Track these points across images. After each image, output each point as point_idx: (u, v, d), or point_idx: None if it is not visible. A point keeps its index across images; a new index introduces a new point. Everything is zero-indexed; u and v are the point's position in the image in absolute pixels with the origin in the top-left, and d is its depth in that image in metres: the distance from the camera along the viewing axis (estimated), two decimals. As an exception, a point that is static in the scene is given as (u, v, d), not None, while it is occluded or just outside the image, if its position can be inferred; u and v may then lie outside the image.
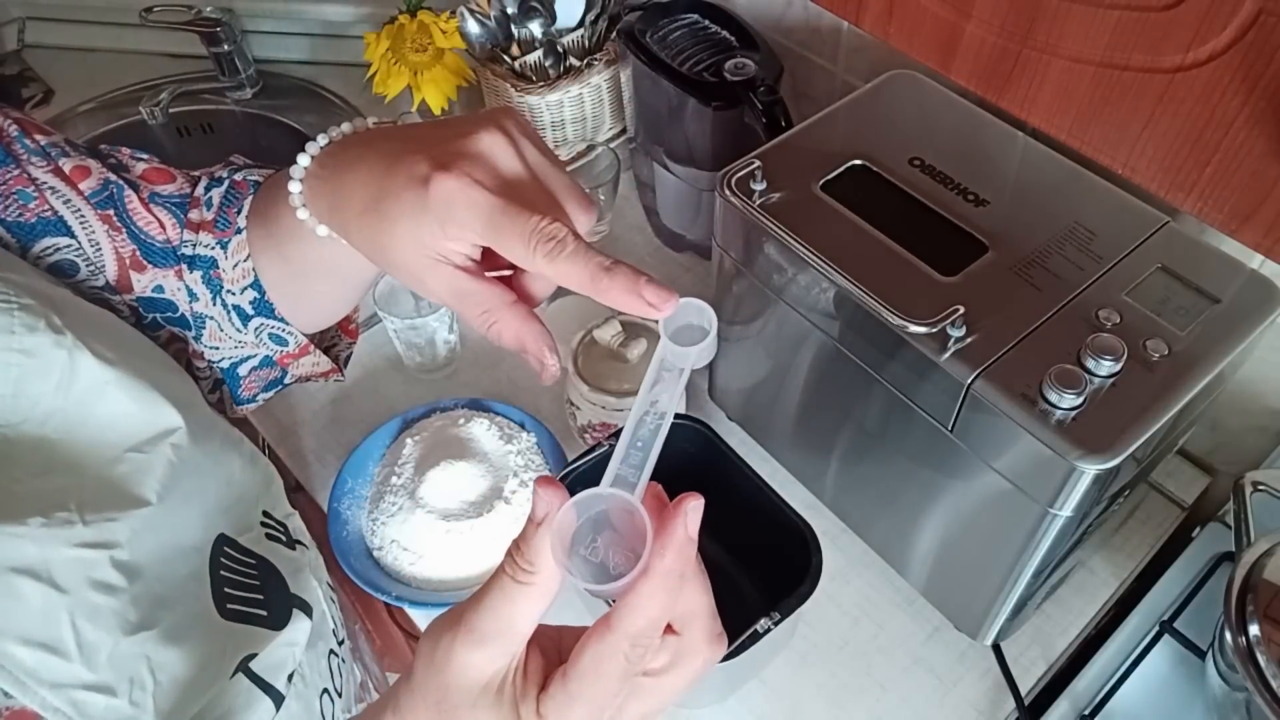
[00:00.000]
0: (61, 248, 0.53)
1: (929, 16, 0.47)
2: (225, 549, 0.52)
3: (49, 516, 0.41)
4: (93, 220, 0.54)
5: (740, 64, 0.91)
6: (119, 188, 0.55)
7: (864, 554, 0.84)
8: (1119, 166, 0.43)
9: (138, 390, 0.47)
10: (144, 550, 0.45)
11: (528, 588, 0.35)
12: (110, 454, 0.45)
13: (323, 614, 0.61)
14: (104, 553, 0.43)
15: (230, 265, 0.56)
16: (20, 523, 0.40)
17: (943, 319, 0.62)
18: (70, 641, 0.41)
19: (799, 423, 0.83)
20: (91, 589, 0.42)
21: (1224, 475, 0.89)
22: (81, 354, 0.45)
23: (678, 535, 0.35)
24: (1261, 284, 0.65)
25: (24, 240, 0.52)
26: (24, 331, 0.43)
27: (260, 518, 0.57)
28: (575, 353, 0.87)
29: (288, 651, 0.54)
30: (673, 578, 0.35)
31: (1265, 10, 0.34)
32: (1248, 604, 0.66)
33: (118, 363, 0.46)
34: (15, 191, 0.51)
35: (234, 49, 1.26)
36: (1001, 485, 0.64)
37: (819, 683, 0.79)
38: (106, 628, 0.42)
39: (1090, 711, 0.76)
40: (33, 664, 0.39)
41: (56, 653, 0.40)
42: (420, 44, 1.14)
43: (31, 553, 0.40)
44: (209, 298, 0.58)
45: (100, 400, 0.45)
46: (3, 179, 0.51)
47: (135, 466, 0.46)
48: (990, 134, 0.76)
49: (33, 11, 1.38)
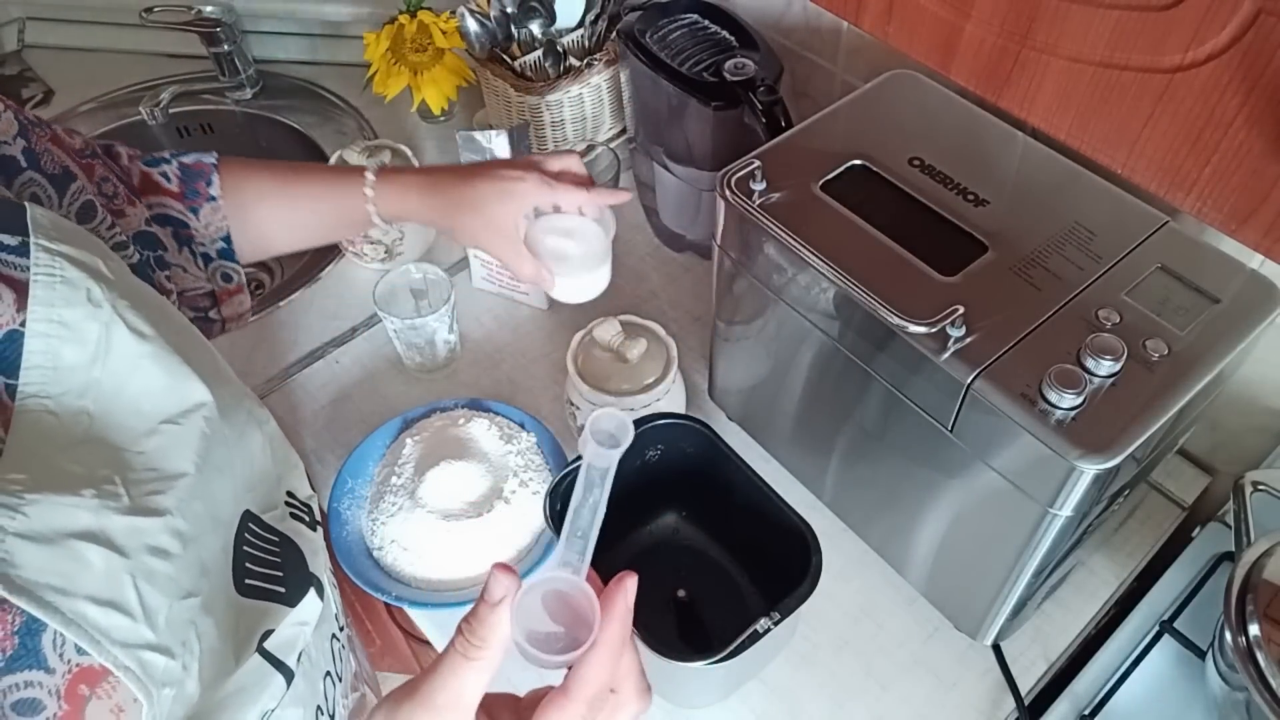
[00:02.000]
0: (82, 190, 0.58)
1: (929, 16, 0.47)
2: (250, 525, 0.53)
3: (99, 489, 0.43)
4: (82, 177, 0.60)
5: (740, 64, 0.91)
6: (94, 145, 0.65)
7: (864, 554, 0.84)
8: (1119, 166, 0.43)
9: (171, 364, 0.49)
10: (191, 517, 0.46)
11: (478, 662, 0.39)
12: (146, 425, 0.47)
13: (329, 597, 0.62)
14: (157, 520, 0.44)
15: (202, 225, 0.71)
16: (75, 494, 0.41)
17: (943, 319, 0.62)
18: (135, 602, 0.42)
19: (799, 423, 0.83)
20: (148, 554, 0.43)
21: (1224, 475, 0.89)
22: (117, 327, 0.46)
23: (620, 609, 0.41)
24: (1261, 284, 0.65)
25: (59, 190, 0.56)
26: (63, 304, 0.45)
27: (284, 497, 0.59)
28: (575, 353, 0.87)
29: (298, 630, 0.55)
30: (618, 645, 0.41)
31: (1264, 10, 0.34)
32: (1248, 604, 0.66)
33: (151, 337, 0.48)
34: (45, 149, 0.56)
35: (234, 49, 1.26)
36: (1001, 485, 0.64)
37: (819, 682, 0.79)
38: (163, 591, 0.43)
39: (1090, 711, 0.76)
40: (105, 623, 0.40)
41: (124, 612, 0.41)
42: (420, 44, 1.14)
43: (89, 520, 0.41)
44: (176, 247, 0.69)
45: (134, 373, 0.47)
46: (37, 138, 0.56)
47: (171, 438, 0.48)
48: (990, 134, 0.76)
49: (33, 11, 1.38)
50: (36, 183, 0.55)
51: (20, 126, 0.55)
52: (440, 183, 0.76)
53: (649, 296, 1.06)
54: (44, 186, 0.55)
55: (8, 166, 0.53)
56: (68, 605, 0.39)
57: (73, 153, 0.60)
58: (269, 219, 0.75)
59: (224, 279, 0.73)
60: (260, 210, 0.74)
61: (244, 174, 0.73)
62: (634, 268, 1.09)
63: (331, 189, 0.76)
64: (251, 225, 0.73)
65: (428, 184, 0.76)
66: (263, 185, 0.74)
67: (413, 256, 1.07)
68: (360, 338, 1.04)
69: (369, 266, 1.07)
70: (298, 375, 1.00)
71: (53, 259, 0.45)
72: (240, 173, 0.73)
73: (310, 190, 0.76)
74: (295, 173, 0.77)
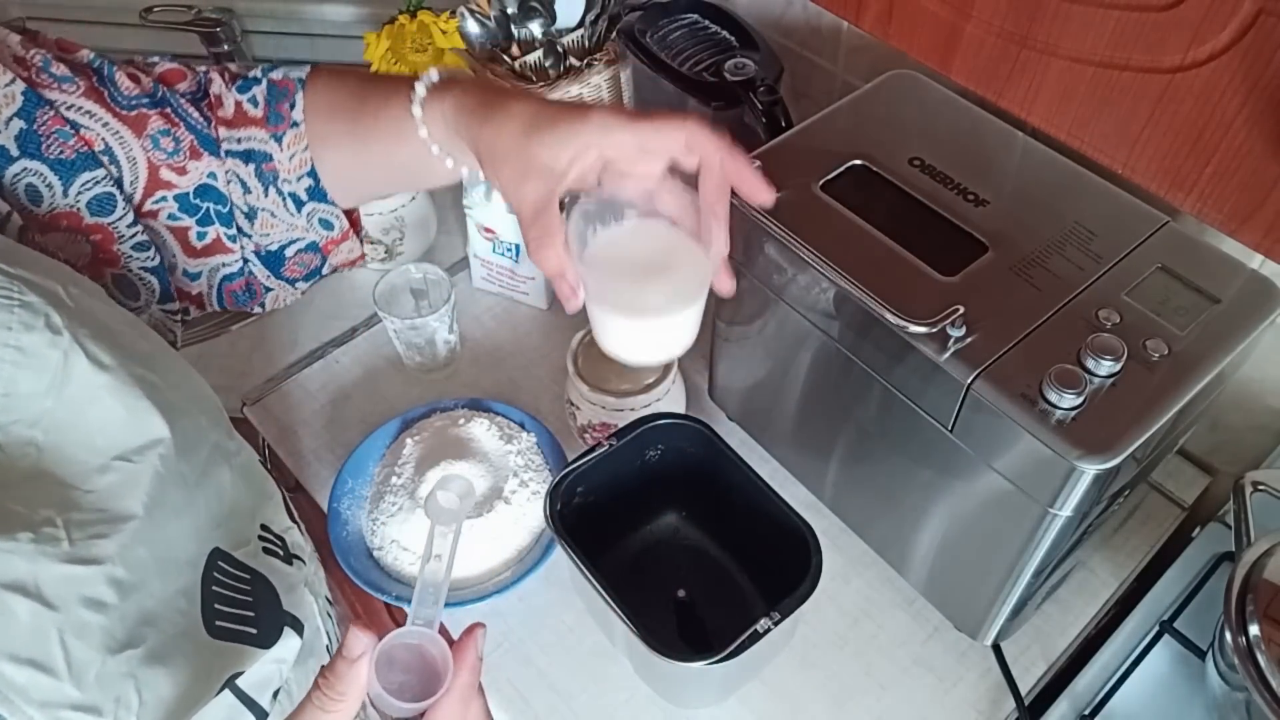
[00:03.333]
0: (100, 180, 0.55)
1: (929, 16, 0.47)
2: (219, 563, 0.52)
3: (37, 532, 0.41)
4: (127, 134, 0.56)
5: (740, 64, 0.91)
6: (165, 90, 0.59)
7: (864, 554, 0.84)
8: (1119, 166, 0.43)
9: (130, 398, 0.47)
10: (134, 565, 0.45)
11: (335, 715, 0.43)
12: (98, 461, 0.45)
13: (316, 629, 0.60)
14: (95, 569, 0.43)
15: (286, 157, 0.61)
16: (10, 538, 0.40)
17: (943, 319, 0.62)
18: (60, 659, 0.40)
19: (799, 423, 0.83)
20: (81, 606, 0.42)
21: (1224, 475, 0.89)
22: (77, 356, 0.44)
23: (470, 658, 0.46)
24: (1261, 284, 0.65)
25: (65, 178, 0.53)
26: (21, 329, 0.43)
27: (258, 531, 0.57)
28: (575, 353, 0.87)
29: (274, 669, 0.54)
30: (471, 690, 0.46)
31: (1265, 10, 0.34)
32: (1248, 604, 0.66)
33: (112, 368, 0.46)
34: (55, 131, 0.53)
35: (234, 49, 1.26)
36: (1001, 485, 0.64)
37: (819, 683, 0.79)
38: (95, 645, 0.42)
39: (1090, 711, 0.76)
40: (22, 682, 0.39)
41: (46, 671, 0.40)
42: (420, 44, 1.14)
43: (22, 568, 0.40)
44: (261, 189, 0.62)
45: (91, 404, 0.45)
46: (41, 121, 0.52)
47: (123, 476, 0.46)
48: (990, 134, 0.76)
49: (33, 11, 1.38)
50: (33, 172, 0.52)
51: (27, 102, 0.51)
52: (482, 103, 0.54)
53: (649, 296, 1.06)
54: (42, 175, 0.52)
55: None
56: None
57: (116, 110, 0.55)
58: (357, 165, 0.63)
59: (324, 225, 0.65)
60: (347, 156, 0.62)
61: (325, 103, 0.61)
62: (634, 268, 1.09)
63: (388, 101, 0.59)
64: (328, 169, 0.62)
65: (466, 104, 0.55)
66: (335, 126, 0.61)
67: (413, 256, 1.07)
68: (360, 338, 1.04)
69: (369, 267, 1.07)
70: (297, 375, 1.00)
71: (11, 282, 0.43)
72: (323, 97, 0.61)
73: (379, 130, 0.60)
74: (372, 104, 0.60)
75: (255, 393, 0.98)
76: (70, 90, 0.54)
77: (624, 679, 0.79)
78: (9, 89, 0.51)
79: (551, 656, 0.81)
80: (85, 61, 0.57)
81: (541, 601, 0.83)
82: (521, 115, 0.52)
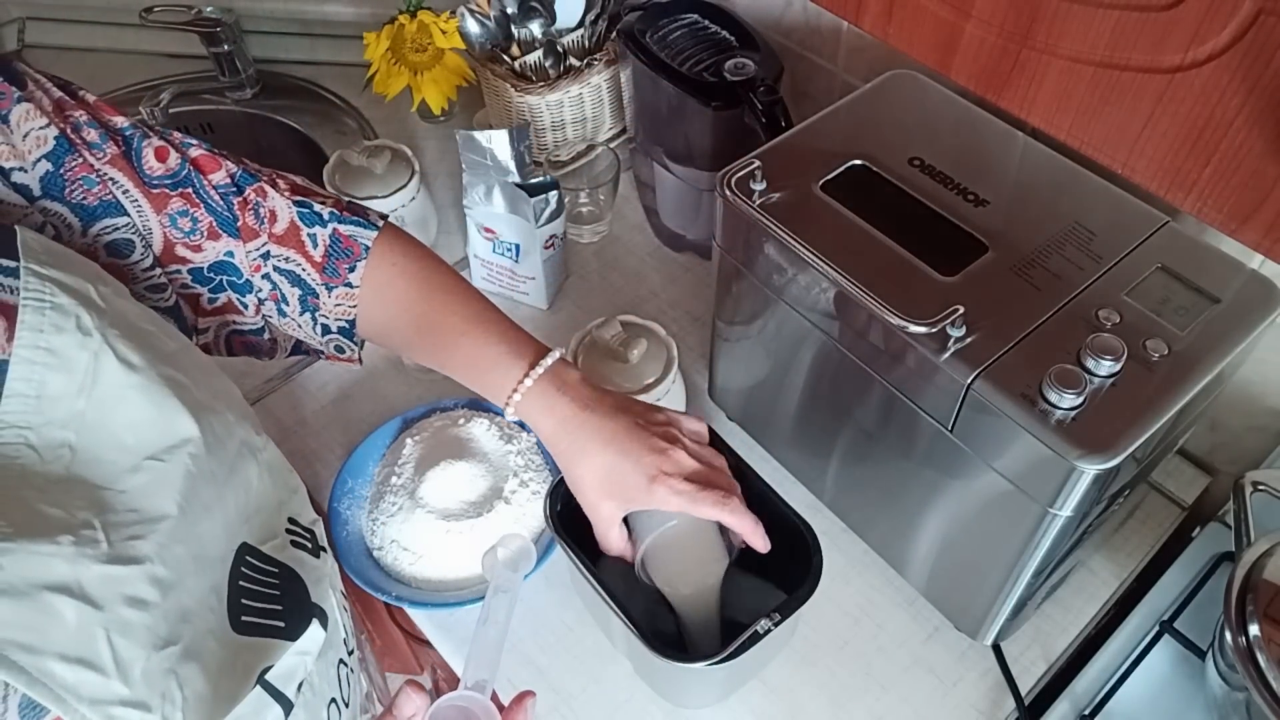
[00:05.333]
0: (120, 227, 0.57)
1: (929, 16, 0.47)
2: (247, 559, 0.52)
3: (77, 535, 0.41)
4: (146, 207, 0.58)
5: (740, 64, 0.91)
6: (191, 172, 0.61)
7: (864, 554, 0.84)
8: (1119, 166, 0.43)
9: (159, 397, 0.47)
10: (172, 563, 0.45)
11: None
12: (129, 461, 0.45)
13: (335, 623, 0.60)
14: (135, 568, 0.43)
15: (332, 304, 0.67)
16: (52, 541, 0.40)
17: (943, 319, 0.62)
18: (107, 657, 0.41)
19: (799, 423, 0.83)
20: (124, 605, 0.42)
21: (1224, 475, 0.89)
22: (107, 356, 0.45)
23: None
24: (1261, 284, 0.65)
25: (86, 220, 0.55)
26: (52, 331, 0.43)
27: (285, 525, 0.57)
28: (575, 353, 0.87)
29: (299, 660, 0.54)
30: None
31: (1265, 10, 0.34)
32: (1248, 604, 0.66)
33: (141, 368, 0.46)
34: (80, 178, 0.55)
35: (234, 49, 1.26)
36: (1001, 485, 0.64)
37: (819, 683, 0.79)
38: (139, 643, 0.42)
39: (1090, 711, 0.76)
40: (73, 681, 0.39)
41: (94, 668, 0.40)
42: (420, 44, 1.14)
43: (64, 570, 0.40)
44: (299, 310, 0.67)
45: (120, 405, 0.45)
46: (69, 166, 0.54)
47: (154, 476, 0.46)
48: (990, 134, 0.76)
49: (33, 11, 1.38)
50: (53, 213, 0.53)
51: (58, 147, 0.53)
52: (579, 419, 0.66)
53: (649, 296, 1.06)
54: (62, 216, 0.54)
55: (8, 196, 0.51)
56: (34, 664, 0.38)
57: (141, 182, 0.58)
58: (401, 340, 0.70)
59: (337, 350, 0.71)
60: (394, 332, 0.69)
61: (396, 288, 0.67)
62: (634, 268, 1.09)
63: (490, 368, 0.67)
64: (377, 331, 0.69)
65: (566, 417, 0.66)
66: (412, 314, 0.68)
67: (413, 256, 1.07)
68: (360, 338, 1.04)
69: (369, 266, 1.07)
70: (298, 375, 1.00)
71: (43, 284, 0.44)
72: (394, 283, 0.67)
73: (466, 354, 0.68)
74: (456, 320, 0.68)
75: (255, 393, 0.99)
76: (99, 157, 0.56)
77: (624, 679, 0.79)
78: (43, 132, 0.53)
79: (551, 656, 0.81)
80: (118, 128, 0.58)
81: (541, 601, 0.83)
82: (600, 467, 0.65)
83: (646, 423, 0.66)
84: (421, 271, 0.69)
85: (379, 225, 0.68)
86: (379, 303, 0.68)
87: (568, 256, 1.07)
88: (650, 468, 0.64)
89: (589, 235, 1.11)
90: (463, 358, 0.68)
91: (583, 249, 1.11)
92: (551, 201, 0.96)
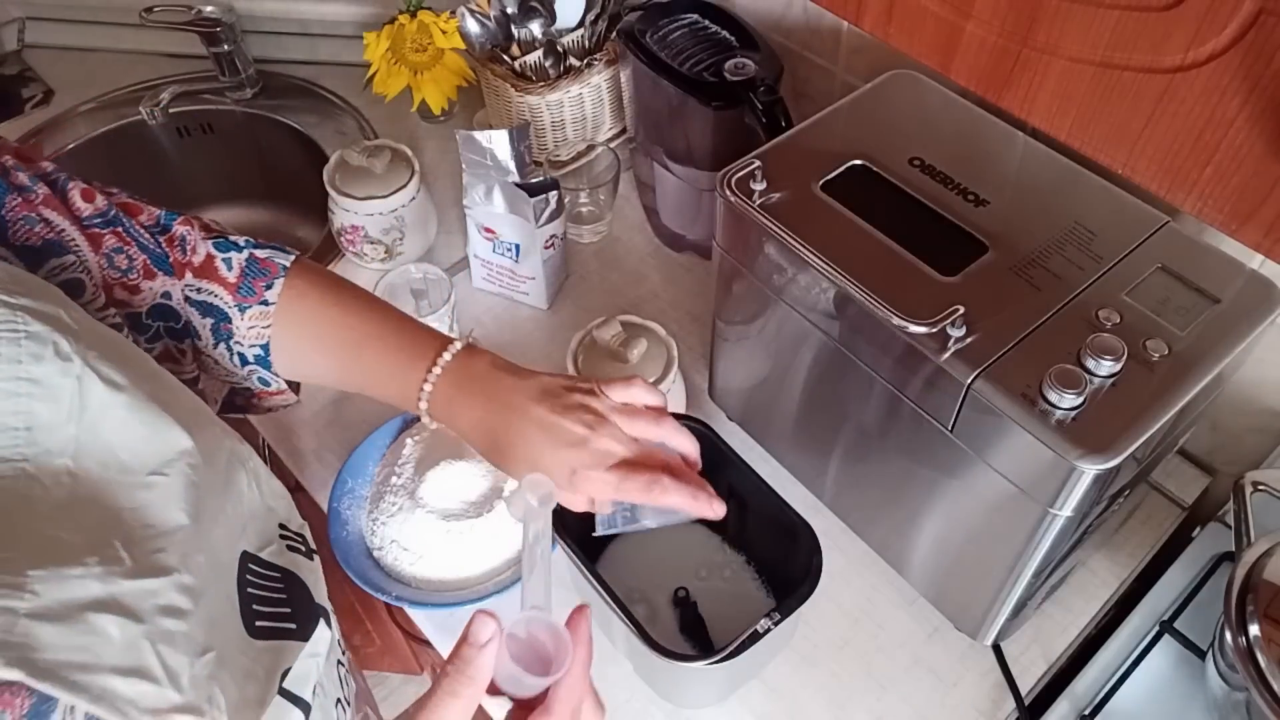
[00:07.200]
0: (68, 266, 0.56)
1: (929, 16, 0.47)
2: (250, 565, 0.52)
3: (101, 555, 0.41)
4: (84, 247, 0.57)
5: (740, 64, 0.91)
6: (119, 213, 0.60)
7: (864, 554, 0.84)
8: (1119, 166, 0.43)
9: (149, 413, 0.47)
10: (197, 571, 0.45)
11: (465, 700, 0.46)
12: (131, 479, 0.45)
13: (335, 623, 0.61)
14: (164, 579, 0.43)
15: (245, 326, 0.65)
16: (79, 564, 0.40)
17: (943, 319, 0.62)
18: (157, 667, 0.41)
19: (799, 423, 0.83)
20: (162, 615, 0.42)
21: (1224, 475, 0.89)
22: (90, 380, 0.44)
23: (585, 634, 0.50)
24: (1261, 284, 0.65)
25: (31, 263, 0.54)
26: (30, 361, 0.42)
27: (279, 530, 0.57)
28: (575, 353, 0.87)
29: (312, 662, 0.54)
30: (587, 665, 0.49)
31: (1265, 10, 0.34)
32: (1248, 604, 0.66)
33: (126, 387, 0.46)
34: (21, 217, 0.53)
35: (234, 49, 1.26)
36: (1001, 485, 0.64)
37: (819, 683, 0.79)
38: (182, 650, 0.42)
39: (1090, 711, 0.76)
40: (132, 693, 0.39)
41: (148, 679, 0.40)
42: (420, 44, 1.14)
43: (98, 589, 0.40)
44: (212, 342, 0.66)
45: (113, 425, 0.45)
46: (9, 206, 0.53)
47: (160, 489, 0.46)
48: (990, 134, 0.76)
49: (33, 11, 1.38)
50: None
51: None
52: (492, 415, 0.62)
53: (649, 296, 1.06)
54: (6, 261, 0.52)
55: None
56: (94, 682, 0.38)
57: (77, 220, 0.57)
58: (312, 363, 0.69)
59: (261, 382, 0.69)
60: (306, 353, 0.68)
61: (309, 301, 0.66)
62: (634, 268, 1.09)
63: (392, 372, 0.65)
64: (291, 355, 0.67)
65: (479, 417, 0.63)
66: (322, 330, 0.67)
67: (413, 256, 1.07)
68: (360, 338, 1.04)
69: (369, 266, 1.07)
70: (298, 375, 1.00)
71: (14, 314, 0.43)
72: (306, 297, 0.66)
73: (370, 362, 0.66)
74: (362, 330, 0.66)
75: (255, 393, 0.98)
76: (32, 199, 0.55)
77: (624, 679, 0.79)
78: None
79: (551, 656, 0.81)
80: (44, 171, 0.57)
81: (541, 601, 0.83)
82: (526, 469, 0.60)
83: (564, 408, 0.60)
84: (336, 293, 0.68)
85: (295, 254, 0.67)
86: (293, 323, 0.66)
87: (568, 256, 1.07)
88: (565, 465, 0.59)
89: (589, 235, 1.11)
90: (368, 368, 0.66)
91: (583, 249, 1.11)
92: (551, 201, 0.96)
